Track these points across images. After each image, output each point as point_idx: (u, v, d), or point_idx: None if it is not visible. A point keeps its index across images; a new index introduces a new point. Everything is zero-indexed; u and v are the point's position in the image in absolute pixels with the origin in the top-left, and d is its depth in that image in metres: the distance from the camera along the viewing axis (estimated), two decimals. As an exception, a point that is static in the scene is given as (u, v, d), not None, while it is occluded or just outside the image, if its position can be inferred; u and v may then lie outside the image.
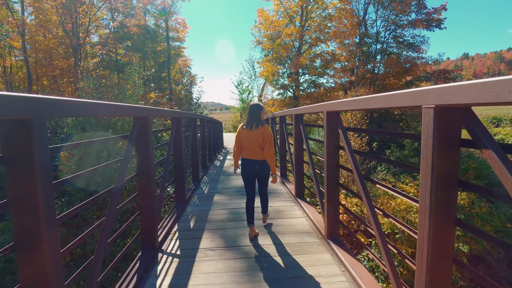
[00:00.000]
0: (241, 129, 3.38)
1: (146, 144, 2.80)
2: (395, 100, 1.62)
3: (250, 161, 3.34)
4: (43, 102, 1.31)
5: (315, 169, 3.66)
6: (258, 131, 3.27)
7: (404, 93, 1.53)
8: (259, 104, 3.35)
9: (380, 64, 21.46)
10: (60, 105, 1.45)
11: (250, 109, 3.34)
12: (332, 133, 2.91)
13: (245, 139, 3.32)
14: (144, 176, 2.85)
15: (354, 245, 7.57)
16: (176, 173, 4.42)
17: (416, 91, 1.46)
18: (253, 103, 3.38)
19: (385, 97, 1.72)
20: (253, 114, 3.31)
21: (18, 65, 25.27)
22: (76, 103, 1.56)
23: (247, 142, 3.32)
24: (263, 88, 34.84)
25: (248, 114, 3.36)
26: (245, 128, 3.35)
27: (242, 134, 3.35)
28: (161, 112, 3.54)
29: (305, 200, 4.33)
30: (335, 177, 2.98)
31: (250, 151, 3.33)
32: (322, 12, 23.93)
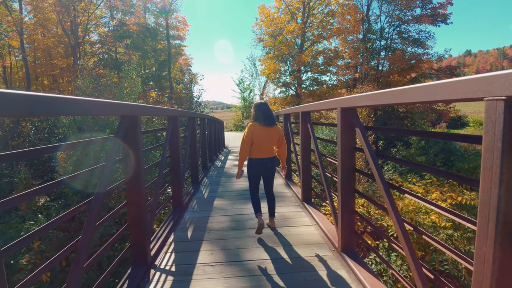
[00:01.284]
0: (257, 127, 3.23)
1: (135, 146, 2.46)
2: (443, 92, 1.26)
3: (263, 160, 3.32)
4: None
5: (325, 172, 3.31)
6: (275, 129, 3.30)
7: (459, 82, 1.17)
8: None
9: (385, 61, 21.02)
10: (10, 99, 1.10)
11: (263, 107, 3.29)
12: (348, 132, 2.55)
13: (261, 137, 3.23)
14: (132, 184, 2.50)
15: (360, 247, 7.21)
16: (173, 176, 4.08)
17: (476, 78, 1.10)
18: (262, 102, 3.38)
19: (428, 88, 1.35)
20: (269, 112, 3.30)
21: (18, 65, 25.01)
22: (32, 98, 1.21)
23: (262, 140, 3.25)
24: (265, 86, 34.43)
25: (263, 112, 3.27)
26: (261, 126, 3.23)
27: (257, 131, 3.22)
28: (154, 110, 3.20)
29: (313, 205, 3.98)
30: (351, 183, 2.63)
31: (263, 149, 3.29)
32: (325, 9, 23.48)
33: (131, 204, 2.53)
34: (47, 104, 1.32)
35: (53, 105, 1.36)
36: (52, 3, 19.00)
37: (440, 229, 6.88)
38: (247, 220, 3.70)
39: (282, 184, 5.50)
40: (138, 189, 2.52)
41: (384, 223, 7.55)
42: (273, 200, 3.49)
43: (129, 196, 2.53)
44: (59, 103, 1.41)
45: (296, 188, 4.89)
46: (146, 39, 26.49)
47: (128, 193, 2.52)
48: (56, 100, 1.38)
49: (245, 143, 3.27)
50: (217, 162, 8.95)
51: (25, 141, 11.13)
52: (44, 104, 1.30)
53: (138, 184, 2.51)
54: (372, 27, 21.68)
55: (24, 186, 9.43)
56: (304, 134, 4.05)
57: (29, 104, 1.20)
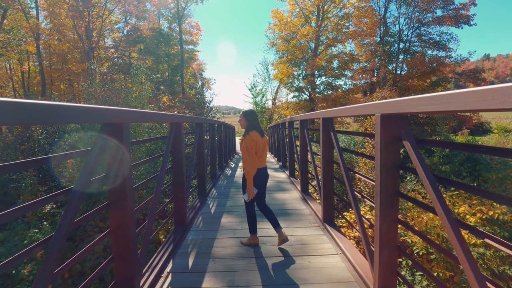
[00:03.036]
0: (258, 136, 3.11)
1: (120, 160, 1.97)
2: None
3: (265, 169, 3.20)
4: None
5: (354, 191, 2.73)
6: (266, 137, 3.22)
7: None
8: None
9: (403, 64, 20.16)
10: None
11: (256, 116, 3.18)
12: (390, 146, 1.99)
13: (263, 146, 3.14)
14: (116, 206, 2.01)
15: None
16: (175, 190, 3.58)
17: None
18: (253, 110, 3.27)
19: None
20: (259, 122, 3.21)
21: (36, 70, 25.44)
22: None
23: (261, 151, 3.13)
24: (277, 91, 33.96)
25: (256, 122, 3.17)
26: (260, 137, 3.13)
27: (260, 141, 3.11)
28: (148, 116, 2.71)
29: (336, 228, 3.39)
30: (393, 210, 2.05)
31: (262, 159, 3.17)
32: (339, 12, 22.87)
33: (115, 232, 2.04)
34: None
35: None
36: (67, 8, 19.15)
37: (471, 246, 6.18)
38: (260, 245, 3.15)
39: (297, 198, 4.93)
40: (123, 212, 2.02)
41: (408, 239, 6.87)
42: (271, 211, 3.24)
43: (112, 221, 2.03)
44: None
45: (315, 205, 4.31)
46: (160, 44, 26.54)
47: (112, 217, 2.03)
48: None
49: (253, 155, 3.03)
50: (227, 170, 8.46)
51: (35, 146, 10.96)
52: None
53: (124, 206, 2.01)
54: (390, 29, 20.92)
55: (30, 192, 9.18)
56: (325, 144, 3.48)
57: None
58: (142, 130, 10.35)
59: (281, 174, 7.23)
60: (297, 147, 5.87)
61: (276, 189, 5.64)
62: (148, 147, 10.17)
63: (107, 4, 22.39)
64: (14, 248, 8.11)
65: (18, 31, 21.11)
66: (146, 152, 10.13)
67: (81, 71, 23.17)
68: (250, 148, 2.99)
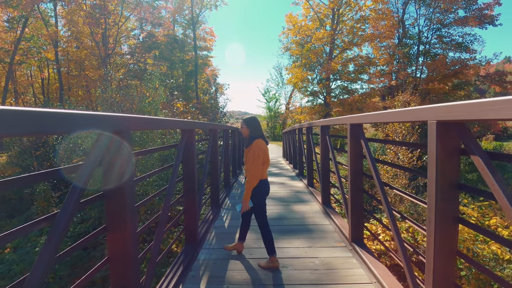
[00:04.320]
0: (265, 147, 2.94)
1: (121, 174, 1.66)
2: None
3: (267, 181, 2.98)
4: None
5: (392, 210, 2.33)
6: (267, 146, 3.04)
7: None
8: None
9: (423, 67, 19.42)
10: None
11: (258, 123, 2.99)
12: (449, 161, 1.60)
13: (267, 157, 2.94)
14: (114, 231, 1.70)
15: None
16: (186, 204, 3.27)
17: None
18: (255, 117, 3.07)
19: None
20: (261, 129, 3.03)
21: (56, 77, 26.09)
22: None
23: (266, 160, 2.93)
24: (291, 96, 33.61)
25: (260, 129, 2.98)
26: (265, 145, 2.97)
27: (265, 149, 2.93)
28: (152, 123, 2.40)
29: (367, 249, 2.98)
30: (451, 240, 1.65)
31: (265, 170, 2.95)
32: (355, 15, 22.40)
33: (113, 261, 1.72)
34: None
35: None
36: (84, 15, 19.53)
37: (504, 262, 5.60)
38: (281, 268, 2.78)
39: (319, 211, 4.52)
40: (122, 237, 1.70)
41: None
42: (270, 232, 2.97)
43: (110, 248, 1.72)
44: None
45: (339, 220, 3.89)
46: (174, 50, 26.75)
47: (110, 243, 1.72)
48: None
49: (259, 165, 2.81)
50: (240, 178, 8.13)
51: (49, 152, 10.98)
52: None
53: (123, 230, 1.70)
54: (409, 31, 20.27)
55: (43, 199, 9.14)
56: (354, 153, 3.09)
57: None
58: (155, 136, 10.19)
59: (298, 183, 6.82)
60: (317, 155, 5.47)
61: (294, 200, 5.24)
62: (161, 154, 9.98)
63: (123, 12, 22.75)
64: (26, 255, 8.02)
65: (38, 39, 21.72)
66: (159, 158, 9.94)
67: (97, 78, 23.56)
68: (258, 158, 2.79)
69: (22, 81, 25.82)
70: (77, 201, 1.35)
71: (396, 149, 9.92)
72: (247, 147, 2.89)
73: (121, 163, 1.66)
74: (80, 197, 1.40)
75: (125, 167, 1.68)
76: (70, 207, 1.32)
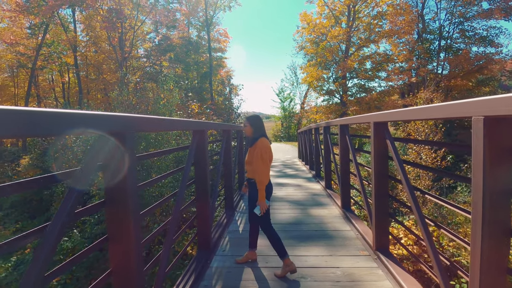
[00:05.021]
0: (269, 145, 2.84)
1: (123, 181, 1.51)
2: None
3: (270, 182, 2.85)
4: None
5: (424, 218, 2.08)
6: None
7: None
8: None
9: (445, 63, 18.62)
10: None
11: (262, 122, 2.88)
12: (500, 164, 1.35)
13: (271, 155, 2.85)
14: (117, 241, 1.55)
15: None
16: (198, 208, 3.12)
17: None
18: (258, 115, 2.97)
19: None
20: (264, 127, 2.92)
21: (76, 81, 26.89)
22: None
23: (271, 157, 2.84)
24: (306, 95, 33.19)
25: (263, 128, 2.86)
26: (269, 144, 2.87)
27: (271, 151, 2.84)
28: (159, 124, 2.23)
29: (393, 259, 2.72)
30: (502, 257, 1.40)
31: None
32: (372, 11, 21.79)
33: (117, 274, 1.57)
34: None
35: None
36: (100, 20, 19.96)
37: None
38: (299, 279, 2.57)
39: (338, 216, 4.26)
40: (126, 247, 1.55)
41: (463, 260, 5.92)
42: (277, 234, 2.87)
43: (113, 259, 1.57)
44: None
45: (361, 225, 3.63)
46: (189, 52, 26.93)
47: (112, 255, 1.57)
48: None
49: (267, 164, 2.72)
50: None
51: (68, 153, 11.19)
52: None
53: (127, 240, 1.54)
54: (429, 25, 19.49)
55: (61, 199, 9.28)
56: (378, 154, 2.84)
57: None
58: (169, 137, 10.18)
59: (315, 185, 6.56)
60: (335, 156, 5.22)
61: (311, 204, 5.00)
62: (176, 155, 9.94)
63: (139, 15, 23.10)
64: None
65: (58, 44, 22.42)
66: (174, 160, 9.91)
67: (115, 81, 24.05)
68: (265, 155, 2.70)
69: (44, 85, 26.74)
70: (71, 211, 1.21)
71: (418, 148, 9.45)
72: (251, 146, 2.78)
73: (123, 167, 1.51)
74: (75, 207, 1.26)
75: (127, 172, 1.53)
76: (62, 218, 1.17)
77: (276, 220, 4.13)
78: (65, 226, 1.20)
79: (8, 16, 20.73)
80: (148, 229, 7.97)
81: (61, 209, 1.19)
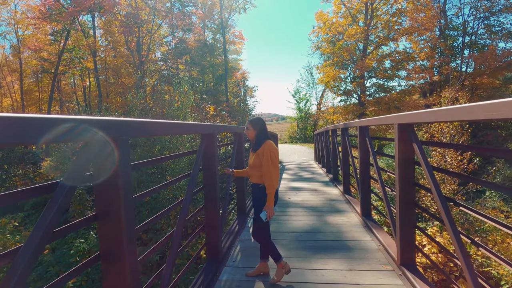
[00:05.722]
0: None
1: (116, 189, 1.35)
2: None
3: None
4: None
5: (460, 234, 1.80)
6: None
7: None
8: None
9: (469, 60, 17.73)
10: None
11: (265, 125, 2.74)
12: None
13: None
14: (110, 260, 1.39)
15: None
16: (207, 216, 2.95)
17: None
18: (261, 118, 2.80)
19: None
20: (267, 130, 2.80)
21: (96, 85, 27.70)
22: None
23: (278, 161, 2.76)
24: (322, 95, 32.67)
25: (266, 130, 2.74)
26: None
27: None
28: (157, 128, 2.04)
29: (421, 276, 2.44)
30: None
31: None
32: (390, 8, 21.10)
33: None
34: None
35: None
36: (118, 24, 20.40)
37: None
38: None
39: (358, 224, 3.97)
40: (120, 268, 1.38)
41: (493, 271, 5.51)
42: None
43: (105, 280, 1.41)
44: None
45: (383, 236, 3.34)
46: (204, 55, 27.10)
47: (104, 275, 1.41)
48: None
49: (277, 166, 2.58)
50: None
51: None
52: None
53: (120, 260, 1.38)
54: (452, 21, 18.62)
55: (78, 202, 9.42)
56: (404, 158, 2.56)
57: None
58: (184, 139, 10.13)
59: (332, 190, 6.27)
60: (354, 159, 4.93)
61: (328, 210, 4.73)
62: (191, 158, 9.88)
63: (155, 19, 23.46)
64: (61, 257, 8.24)
65: (79, 49, 23.10)
66: (189, 162, 9.85)
67: (133, 84, 24.53)
68: (275, 158, 2.56)
69: (66, 89, 27.67)
70: (48, 230, 1.05)
71: (442, 150, 8.93)
72: (256, 150, 2.61)
73: (116, 176, 1.35)
74: (54, 224, 1.09)
75: (121, 182, 1.37)
76: (38, 238, 1.01)
77: (290, 228, 3.91)
78: (43, 247, 1.05)
79: (33, 24, 21.59)
80: (163, 232, 7.92)
81: (38, 226, 1.03)
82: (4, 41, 24.70)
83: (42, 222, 1.04)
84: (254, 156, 2.62)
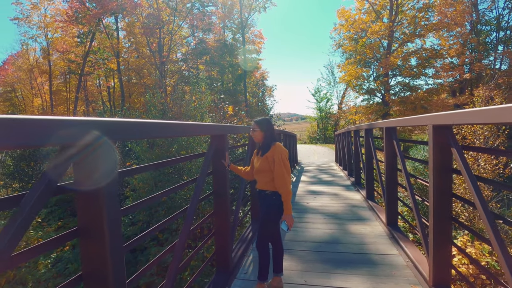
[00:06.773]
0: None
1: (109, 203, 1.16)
2: None
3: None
4: None
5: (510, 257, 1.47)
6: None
7: None
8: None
9: (504, 56, 16.55)
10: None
11: (273, 126, 2.53)
12: None
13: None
14: (92, 278, 1.19)
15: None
16: (216, 223, 2.74)
17: None
18: (268, 118, 2.58)
19: None
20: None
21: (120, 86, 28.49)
22: None
23: None
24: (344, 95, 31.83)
25: (274, 132, 2.52)
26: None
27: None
28: (159, 129, 1.84)
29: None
30: None
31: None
32: (417, 3, 20.12)
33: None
34: None
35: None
36: (140, 26, 20.79)
37: None
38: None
39: (383, 235, 3.61)
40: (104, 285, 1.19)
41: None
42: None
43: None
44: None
45: (412, 250, 2.99)
46: (224, 55, 27.14)
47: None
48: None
49: (290, 170, 2.39)
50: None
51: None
52: None
53: (104, 281, 1.18)
54: (484, 16, 17.46)
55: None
56: (439, 165, 2.23)
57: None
58: (201, 140, 10.05)
59: (354, 195, 5.89)
60: (379, 162, 4.56)
61: (350, 218, 4.39)
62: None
63: (176, 20, 23.74)
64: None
65: (104, 51, 23.81)
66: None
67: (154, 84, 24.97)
68: (287, 162, 2.34)
69: (92, 90, 28.64)
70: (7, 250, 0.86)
71: (474, 154, 8.26)
72: (263, 154, 2.39)
73: (97, 187, 1.16)
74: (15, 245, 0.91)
75: (105, 193, 1.17)
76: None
77: (308, 238, 3.62)
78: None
79: (61, 27, 22.47)
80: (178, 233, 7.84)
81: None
82: (35, 44, 25.84)
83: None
84: (262, 160, 2.38)
